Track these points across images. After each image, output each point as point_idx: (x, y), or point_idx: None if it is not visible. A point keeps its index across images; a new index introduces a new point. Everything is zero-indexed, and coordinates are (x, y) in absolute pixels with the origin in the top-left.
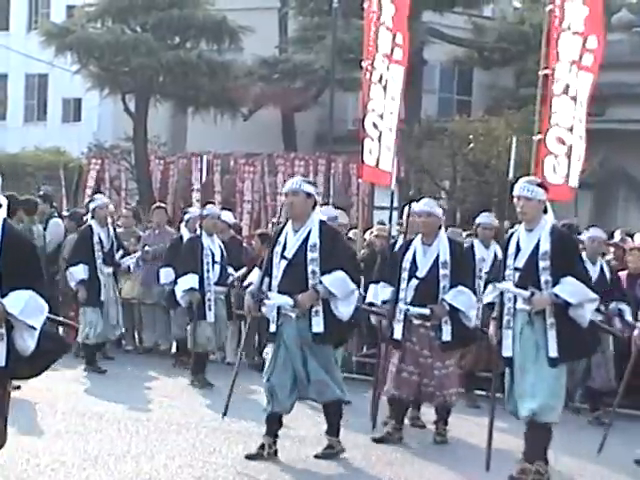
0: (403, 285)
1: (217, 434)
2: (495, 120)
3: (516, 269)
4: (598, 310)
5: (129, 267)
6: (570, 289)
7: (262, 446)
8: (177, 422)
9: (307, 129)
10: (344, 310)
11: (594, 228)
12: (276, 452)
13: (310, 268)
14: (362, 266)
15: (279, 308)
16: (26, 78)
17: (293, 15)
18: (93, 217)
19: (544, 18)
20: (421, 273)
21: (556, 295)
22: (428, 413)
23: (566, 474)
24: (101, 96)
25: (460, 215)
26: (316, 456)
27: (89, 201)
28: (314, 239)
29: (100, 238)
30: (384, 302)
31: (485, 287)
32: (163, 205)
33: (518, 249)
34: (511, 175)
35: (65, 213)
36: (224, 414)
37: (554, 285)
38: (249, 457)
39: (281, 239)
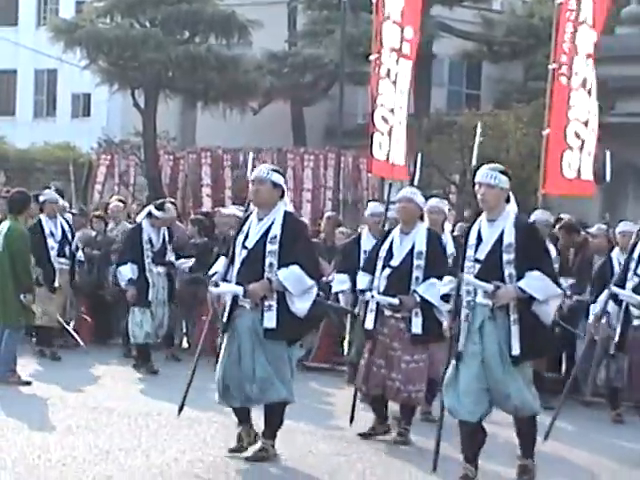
0: (377, 274)
1: (228, 429)
2: (504, 114)
3: (477, 261)
4: None
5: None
6: (536, 284)
7: (240, 438)
8: (188, 417)
9: (316, 123)
10: (300, 306)
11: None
12: (256, 437)
13: (268, 260)
14: None
15: (235, 298)
16: (35, 73)
17: (302, 9)
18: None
19: (554, 11)
20: (395, 262)
21: (521, 289)
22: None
23: (579, 467)
24: (110, 91)
25: (471, 210)
26: (247, 458)
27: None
28: (275, 231)
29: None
30: (362, 291)
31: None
32: (172, 201)
33: (479, 240)
34: (474, 162)
35: (74, 210)
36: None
37: (518, 279)
38: (232, 451)
39: (245, 228)
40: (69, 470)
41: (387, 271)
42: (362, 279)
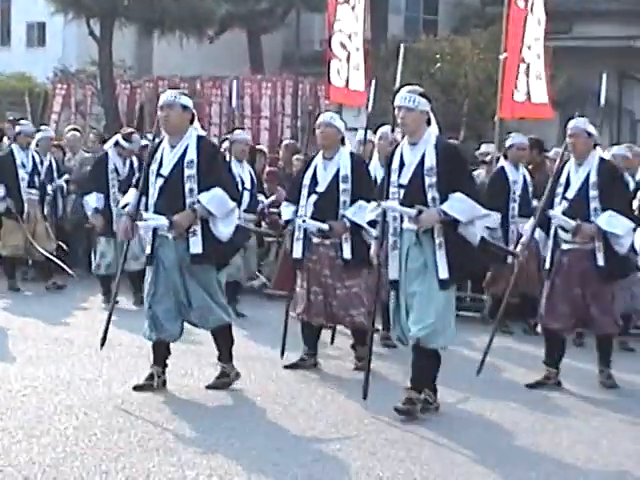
0: (303, 202)
1: (187, 357)
2: (462, 40)
3: (400, 186)
4: None
5: None
6: (459, 206)
7: (151, 376)
8: (148, 346)
9: (273, 51)
10: (224, 230)
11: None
12: (165, 382)
13: (187, 186)
14: None
15: (155, 229)
16: None
17: None
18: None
19: None
20: (321, 188)
21: (444, 212)
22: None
23: (581, 399)
24: (65, 20)
25: None
26: (208, 387)
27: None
28: (191, 155)
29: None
30: (287, 222)
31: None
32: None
33: (402, 165)
34: (397, 85)
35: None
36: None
37: (442, 202)
38: (137, 388)
39: (157, 156)
40: (30, 400)
41: (313, 197)
42: (286, 210)
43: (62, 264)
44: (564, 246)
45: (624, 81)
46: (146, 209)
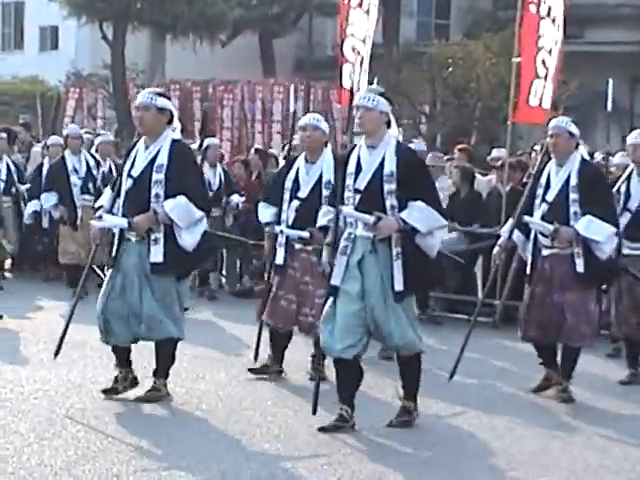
0: (285, 206)
1: (199, 361)
2: (474, 44)
3: (357, 191)
4: None
5: None
6: (419, 215)
7: (116, 380)
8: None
9: (286, 55)
10: (188, 239)
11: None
12: (135, 379)
13: (154, 191)
14: None
15: (122, 231)
16: (2, 6)
17: None
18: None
19: None
20: (303, 193)
21: (403, 221)
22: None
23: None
24: (78, 24)
25: (440, 139)
26: (137, 399)
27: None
28: (162, 159)
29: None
30: (266, 224)
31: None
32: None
33: (359, 169)
34: (356, 87)
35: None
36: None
37: (400, 210)
38: (104, 392)
39: (132, 155)
40: (42, 403)
41: (295, 203)
42: (264, 211)
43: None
44: (545, 252)
45: (635, 86)
46: (115, 211)
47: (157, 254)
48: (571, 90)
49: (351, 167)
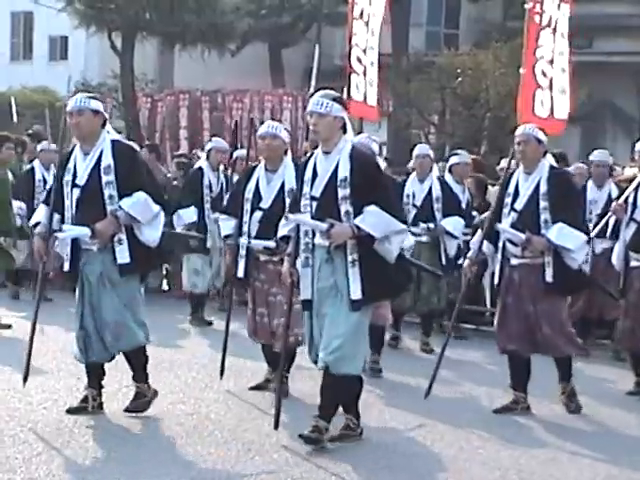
0: (246, 218)
1: (208, 370)
2: (483, 54)
3: (313, 198)
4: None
5: None
6: (373, 220)
7: (85, 399)
8: (169, 359)
9: (295, 65)
10: (150, 235)
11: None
12: (101, 405)
13: (106, 193)
14: None
15: (75, 245)
16: (11, 16)
17: None
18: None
19: None
20: (265, 204)
21: (358, 227)
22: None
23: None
24: (87, 34)
25: (449, 149)
26: (126, 410)
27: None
28: (107, 160)
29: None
30: (226, 237)
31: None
32: (155, 144)
33: (315, 175)
34: (312, 89)
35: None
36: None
37: (356, 216)
38: (70, 411)
39: (70, 166)
40: (50, 413)
41: (258, 214)
42: (225, 223)
43: None
44: (513, 261)
45: None
46: (62, 224)
47: (123, 255)
48: (580, 100)
49: (308, 174)
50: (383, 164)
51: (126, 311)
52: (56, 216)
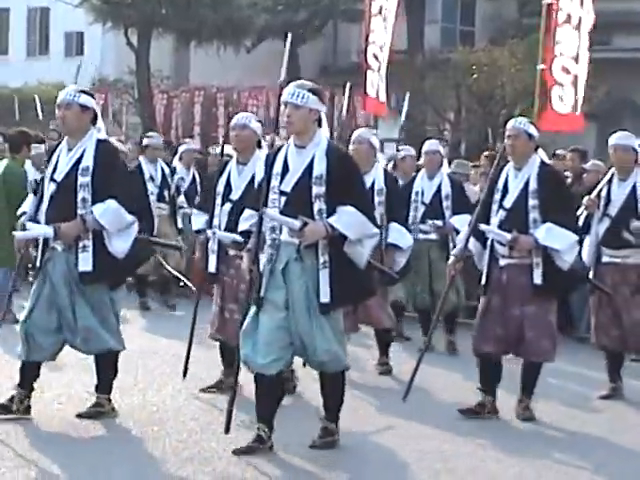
0: (217, 211)
1: (216, 368)
2: (498, 50)
3: (282, 193)
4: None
5: None
6: (348, 220)
7: (11, 398)
8: (184, 354)
9: (311, 61)
10: (119, 246)
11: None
12: (29, 408)
13: (80, 195)
14: None
15: (46, 240)
16: (28, 12)
17: None
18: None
19: None
20: (235, 195)
21: (332, 227)
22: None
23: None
24: (103, 30)
25: (465, 146)
26: (78, 415)
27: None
28: (87, 161)
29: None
30: (197, 232)
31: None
32: (170, 140)
33: (286, 169)
34: (283, 77)
35: None
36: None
37: (329, 215)
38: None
39: (54, 159)
40: (66, 407)
41: (227, 206)
42: (197, 219)
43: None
44: (502, 262)
45: None
46: (39, 219)
47: (86, 263)
48: (598, 97)
49: (277, 167)
50: (383, 161)
51: (94, 316)
52: (41, 207)
